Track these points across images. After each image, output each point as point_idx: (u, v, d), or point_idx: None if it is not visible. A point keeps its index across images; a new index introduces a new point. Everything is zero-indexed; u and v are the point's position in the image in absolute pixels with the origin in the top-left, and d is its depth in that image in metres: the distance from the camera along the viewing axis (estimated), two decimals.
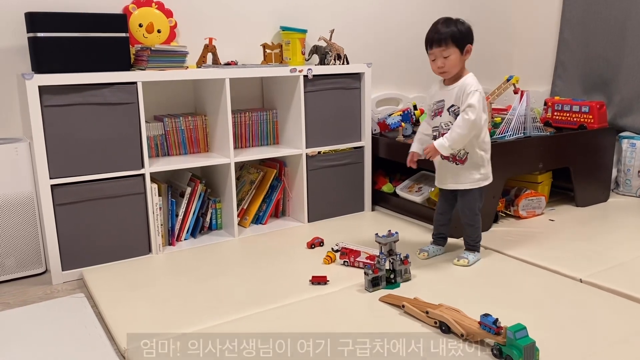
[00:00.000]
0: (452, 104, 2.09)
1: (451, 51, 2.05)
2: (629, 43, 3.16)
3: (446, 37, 2.04)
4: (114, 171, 2.23)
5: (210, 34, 2.58)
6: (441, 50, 2.05)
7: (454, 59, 2.06)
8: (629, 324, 1.68)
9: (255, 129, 2.73)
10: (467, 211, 2.17)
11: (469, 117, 2.01)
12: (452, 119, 2.09)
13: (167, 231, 2.45)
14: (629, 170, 3.08)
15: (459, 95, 2.06)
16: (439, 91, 2.15)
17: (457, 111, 2.07)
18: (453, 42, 2.04)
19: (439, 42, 2.05)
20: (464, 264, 2.14)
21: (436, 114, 2.16)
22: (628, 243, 2.36)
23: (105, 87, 2.16)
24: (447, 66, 2.06)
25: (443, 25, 2.06)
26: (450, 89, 2.10)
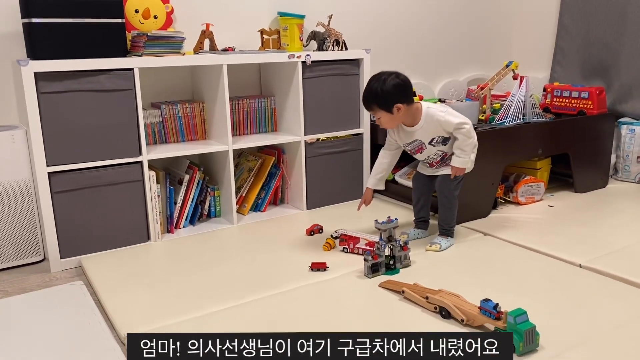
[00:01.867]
0: (432, 138, 2.13)
1: (380, 114, 2.08)
2: (628, 29, 3.14)
3: (370, 102, 2.09)
4: (111, 158, 2.21)
5: (208, 20, 2.56)
6: (373, 111, 2.11)
7: (386, 118, 2.09)
8: (628, 308, 1.69)
9: (253, 116, 2.72)
10: (445, 191, 2.18)
11: (468, 128, 2.07)
12: (440, 147, 2.14)
13: (166, 219, 2.44)
14: (627, 156, 3.07)
15: (435, 128, 2.10)
16: (404, 133, 2.17)
17: (441, 139, 2.12)
18: (377, 106, 2.07)
19: (368, 105, 2.12)
20: (436, 249, 2.16)
21: (415, 152, 2.21)
22: (627, 228, 2.36)
23: (101, 73, 2.14)
24: (382, 124, 2.12)
25: (368, 87, 2.09)
26: (419, 128, 2.12)
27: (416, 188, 2.32)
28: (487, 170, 2.52)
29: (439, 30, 3.43)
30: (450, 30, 3.47)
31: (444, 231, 2.23)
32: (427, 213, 2.33)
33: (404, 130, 2.16)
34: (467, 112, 2.67)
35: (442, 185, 2.18)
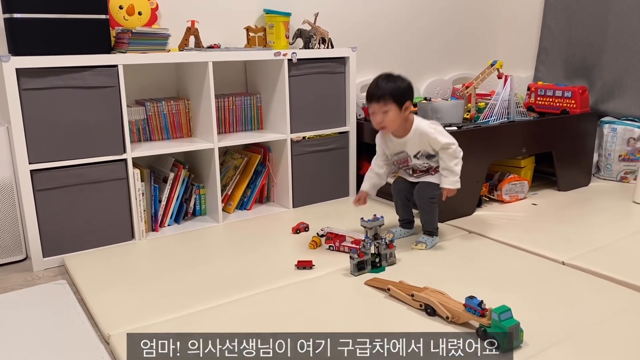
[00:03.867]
0: (417, 151, 2.15)
1: (390, 107, 2.06)
2: (610, 29, 3.19)
3: (385, 94, 2.06)
4: (95, 156, 2.19)
5: (193, 17, 2.54)
6: (380, 106, 2.07)
7: (393, 115, 2.07)
8: (610, 304, 1.71)
9: (239, 113, 2.70)
10: (426, 199, 2.19)
11: (455, 149, 2.10)
12: (424, 160, 2.17)
13: (150, 217, 2.42)
14: (610, 154, 3.11)
15: (422, 142, 2.12)
16: (393, 143, 2.19)
17: (425, 153, 2.14)
18: (392, 99, 2.06)
19: (379, 97, 2.07)
20: (422, 248, 2.17)
21: (401, 163, 2.23)
22: (609, 226, 2.39)
23: (85, 70, 2.11)
24: (385, 121, 2.08)
25: (384, 80, 2.09)
26: (407, 140, 2.14)
27: (397, 192, 2.32)
28: (471, 168, 2.54)
29: (425, 29, 3.44)
30: (436, 29, 3.49)
31: (428, 232, 2.24)
32: (410, 214, 2.35)
33: (392, 140, 2.18)
34: (452, 110, 2.69)
35: (422, 192, 2.19)
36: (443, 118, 2.67)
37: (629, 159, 3.07)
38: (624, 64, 3.16)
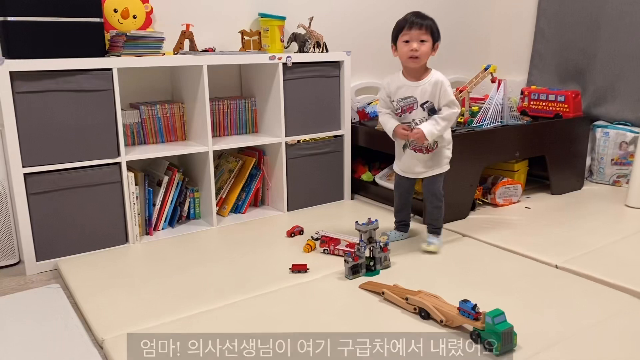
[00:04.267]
0: (426, 100, 2.08)
1: (427, 39, 2.04)
2: (603, 33, 3.21)
3: (427, 24, 2.04)
4: (89, 159, 2.18)
5: (188, 20, 2.54)
6: (420, 34, 2.02)
7: (427, 48, 2.04)
8: (603, 307, 1.72)
9: (233, 117, 2.70)
10: (438, 194, 2.20)
11: (456, 111, 2.07)
12: (425, 115, 2.09)
13: (144, 221, 2.41)
14: (602, 158, 3.14)
15: (434, 91, 2.07)
16: (401, 87, 2.12)
17: (431, 106, 2.08)
18: (430, 32, 2.04)
19: (420, 25, 2.02)
20: (435, 249, 2.16)
21: (405, 110, 2.12)
22: (602, 230, 2.40)
23: (79, 73, 2.11)
24: (420, 52, 2.03)
25: (421, 15, 2.07)
26: (420, 85, 2.08)
27: (399, 193, 2.31)
28: (465, 172, 2.55)
29: None
30: None
31: (436, 230, 2.23)
32: (408, 216, 2.35)
33: (405, 84, 2.11)
34: None
35: (432, 186, 2.20)
36: None
37: (621, 162, 3.09)
38: (616, 68, 3.19)
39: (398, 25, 2.09)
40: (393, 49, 2.13)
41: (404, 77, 2.12)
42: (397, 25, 2.09)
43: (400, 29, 2.07)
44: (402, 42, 2.06)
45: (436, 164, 2.17)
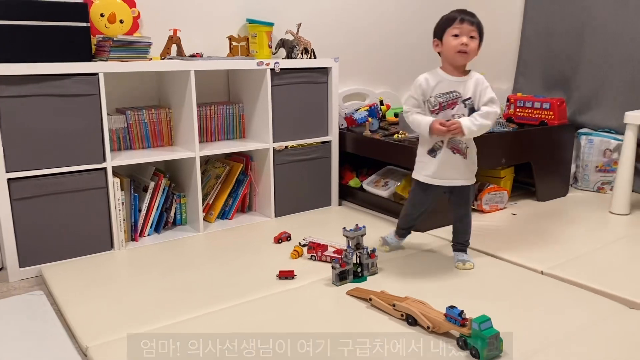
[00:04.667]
0: (469, 97, 1.99)
1: (476, 36, 1.97)
2: (587, 42, 3.25)
3: (477, 23, 1.98)
4: (74, 165, 2.16)
5: (175, 26, 2.53)
6: (471, 30, 1.96)
7: (476, 45, 1.98)
8: (588, 313, 1.73)
9: (221, 122, 2.70)
10: (469, 202, 2.12)
11: (496, 110, 1.97)
12: (466, 112, 1.99)
13: (130, 226, 2.39)
14: (587, 165, 3.17)
15: (476, 89, 1.98)
16: (440, 83, 2.00)
17: (471, 104, 1.98)
18: (479, 31, 1.98)
19: (472, 22, 1.96)
20: (471, 267, 2.09)
21: (444, 107, 1.99)
22: (586, 236, 2.43)
23: (65, 78, 2.09)
24: (470, 47, 1.95)
25: (471, 12, 2.00)
26: (464, 81, 2.00)
27: (423, 201, 2.16)
28: None
29: (406, 41, 3.48)
30: (417, 41, 3.52)
31: (466, 246, 2.17)
32: (414, 225, 2.27)
33: (446, 79, 2.00)
34: None
35: (467, 195, 2.09)
36: None
37: (606, 169, 3.13)
38: (600, 76, 3.23)
39: (447, 19, 2.00)
40: (435, 43, 2.04)
41: (445, 72, 2.02)
42: (446, 19, 2.00)
43: (449, 22, 1.98)
44: (451, 36, 1.97)
45: (470, 174, 2.08)
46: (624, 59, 3.12)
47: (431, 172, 2.06)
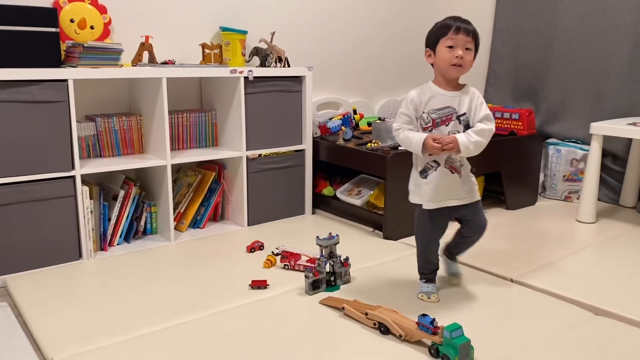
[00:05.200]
0: (463, 112, 1.83)
1: (472, 47, 1.81)
2: (554, 55, 3.34)
3: (474, 32, 1.81)
4: (41, 173, 2.11)
5: (147, 32, 2.51)
6: (467, 41, 1.79)
7: (471, 58, 1.82)
8: (557, 320, 1.77)
9: (193, 130, 2.67)
10: (484, 224, 1.95)
11: (492, 128, 1.82)
12: (461, 129, 1.83)
13: (99, 236, 2.35)
14: (555, 175, 3.24)
15: (471, 104, 1.83)
16: (434, 98, 1.83)
17: (466, 121, 1.83)
18: (475, 41, 1.82)
19: (468, 32, 1.79)
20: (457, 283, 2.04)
21: (438, 123, 1.82)
22: (555, 244, 2.48)
23: (33, 84, 2.05)
24: (465, 60, 1.79)
25: (466, 19, 1.83)
26: (458, 96, 1.83)
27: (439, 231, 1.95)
28: None
29: (379, 51, 3.51)
30: (390, 51, 3.57)
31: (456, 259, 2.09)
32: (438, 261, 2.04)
33: (439, 94, 1.83)
34: None
35: (480, 213, 1.94)
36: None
37: (572, 179, 3.21)
38: (567, 88, 3.32)
39: (441, 28, 1.82)
40: (427, 53, 1.88)
41: (437, 86, 1.85)
42: (440, 27, 1.83)
43: (443, 32, 1.81)
44: (445, 48, 1.80)
45: (472, 190, 1.92)
46: (590, 72, 3.21)
47: (427, 196, 1.87)
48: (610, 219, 2.86)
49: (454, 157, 1.85)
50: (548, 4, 3.34)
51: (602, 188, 3.15)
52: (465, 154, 1.82)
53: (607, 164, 3.17)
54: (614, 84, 3.12)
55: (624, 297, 1.92)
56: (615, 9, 3.07)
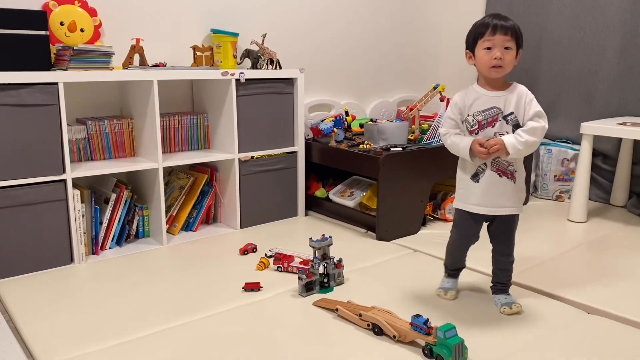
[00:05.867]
0: (511, 112, 1.75)
1: (512, 45, 1.73)
2: (544, 55, 3.36)
3: (513, 29, 1.72)
4: (32, 177, 2.10)
5: (138, 35, 2.50)
6: (505, 40, 1.71)
7: (512, 57, 1.74)
8: (550, 320, 1.77)
9: (185, 132, 2.66)
10: (513, 240, 1.87)
11: (544, 125, 1.73)
12: (509, 129, 1.75)
13: (91, 239, 2.33)
14: (546, 174, 3.26)
15: (519, 103, 1.75)
16: (479, 99, 1.77)
17: (515, 120, 1.74)
18: (515, 38, 1.73)
19: (506, 30, 1.70)
20: (518, 310, 1.82)
21: (484, 125, 1.76)
22: (546, 243, 2.49)
23: (22, 87, 2.03)
24: (505, 60, 1.72)
25: (504, 16, 1.74)
26: (504, 95, 1.76)
27: (471, 235, 1.90)
28: (416, 188, 2.60)
29: (371, 53, 3.52)
30: (381, 53, 3.58)
31: (509, 284, 1.93)
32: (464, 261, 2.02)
33: (484, 95, 1.77)
34: (397, 131, 2.76)
35: (509, 228, 1.86)
36: (388, 139, 2.73)
37: (563, 179, 3.23)
38: (557, 89, 3.34)
39: (477, 29, 1.75)
40: (468, 56, 1.81)
41: (482, 87, 1.79)
42: (476, 29, 1.76)
43: (480, 33, 1.74)
44: (483, 50, 1.73)
45: (517, 201, 1.82)
46: (579, 73, 3.24)
47: (476, 198, 1.81)
48: (601, 218, 2.88)
49: (501, 160, 1.78)
50: (537, 5, 3.37)
51: (592, 187, 3.17)
52: (514, 155, 1.73)
53: (597, 164, 3.20)
54: (603, 84, 3.14)
55: (616, 295, 1.93)
56: (604, 10, 3.09)
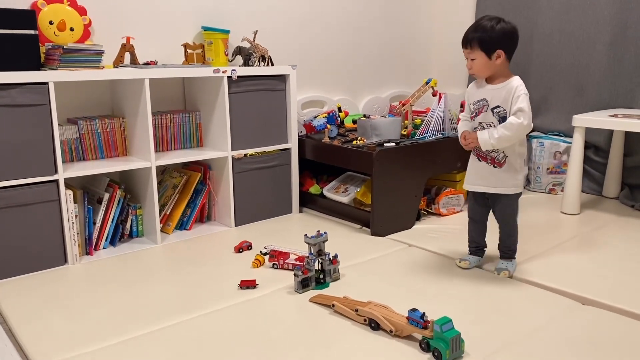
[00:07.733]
0: (497, 105, 1.96)
1: (477, 55, 1.94)
2: (535, 49, 3.37)
3: (472, 41, 1.95)
4: (24, 177, 2.08)
5: (128, 33, 2.48)
6: (467, 53, 1.97)
7: (480, 63, 1.95)
8: (545, 311, 1.78)
9: (177, 131, 2.65)
10: (506, 218, 2.08)
11: (522, 122, 1.90)
12: (495, 121, 1.96)
13: (84, 240, 2.32)
14: (538, 168, 3.27)
15: (507, 97, 1.94)
16: (478, 90, 2.02)
17: (503, 113, 1.94)
18: (479, 47, 1.93)
19: (465, 44, 1.97)
20: (507, 275, 2.05)
21: (476, 114, 2.02)
22: (540, 236, 2.50)
23: (12, 87, 2.01)
24: (474, 69, 1.98)
25: (475, 26, 1.97)
26: (495, 89, 1.97)
27: (473, 211, 2.16)
28: (410, 183, 2.60)
29: (363, 49, 3.52)
30: (374, 49, 3.58)
31: (508, 254, 2.12)
32: (483, 240, 2.20)
33: (481, 87, 2.01)
34: (390, 127, 2.76)
35: (503, 213, 2.07)
36: (382, 134, 2.73)
37: (556, 171, 3.24)
38: (549, 82, 3.35)
39: None
40: None
41: (484, 80, 2.01)
42: None
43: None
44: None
45: (501, 183, 2.02)
46: (570, 66, 3.25)
47: (468, 176, 2.12)
48: (594, 210, 2.90)
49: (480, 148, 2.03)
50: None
51: (585, 180, 3.18)
52: (487, 147, 1.98)
53: (589, 156, 3.21)
54: (594, 77, 3.16)
55: (611, 286, 1.95)
56: (593, 4, 3.10)
